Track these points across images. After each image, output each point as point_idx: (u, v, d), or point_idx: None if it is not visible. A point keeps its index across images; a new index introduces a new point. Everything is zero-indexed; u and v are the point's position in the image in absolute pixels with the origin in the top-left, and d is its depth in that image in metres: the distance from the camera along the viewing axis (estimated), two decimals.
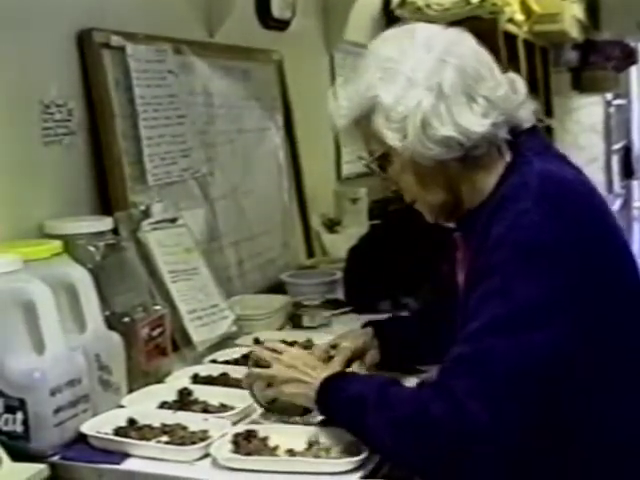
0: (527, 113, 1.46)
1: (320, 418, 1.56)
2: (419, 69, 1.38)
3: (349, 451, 1.47)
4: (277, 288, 2.58)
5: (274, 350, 1.61)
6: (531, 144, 1.46)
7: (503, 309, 1.30)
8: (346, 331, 1.85)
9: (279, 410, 1.60)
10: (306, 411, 1.58)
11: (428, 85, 1.37)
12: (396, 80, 1.38)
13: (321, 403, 1.49)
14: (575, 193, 1.40)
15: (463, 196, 1.46)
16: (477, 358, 1.30)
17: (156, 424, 1.60)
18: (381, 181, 1.53)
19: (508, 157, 1.45)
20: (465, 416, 1.27)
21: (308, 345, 2.06)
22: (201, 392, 1.75)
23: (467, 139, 1.37)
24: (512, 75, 1.47)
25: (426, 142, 1.37)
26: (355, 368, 1.72)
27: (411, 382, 1.67)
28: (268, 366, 1.59)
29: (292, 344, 2.08)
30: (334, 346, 1.74)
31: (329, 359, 1.69)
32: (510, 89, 1.43)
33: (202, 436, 1.55)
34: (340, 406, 1.46)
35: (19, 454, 1.47)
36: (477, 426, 1.26)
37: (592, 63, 6.54)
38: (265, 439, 1.53)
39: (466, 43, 1.44)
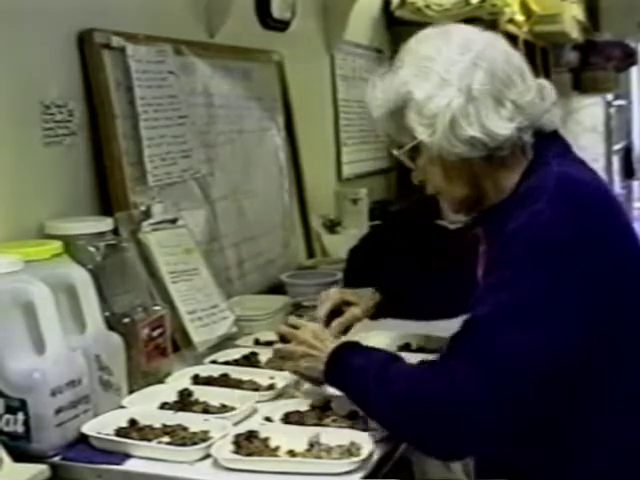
0: (552, 118, 1.52)
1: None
2: (452, 70, 1.43)
3: (350, 452, 1.47)
4: (277, 288, 2.58)
5: (293, 326, 1.73)
6: (552, 147, 1.51)
7: (508, 300, 1.36)
8: (359, 292, 1.94)
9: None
10: None
11: (459, 86, 1.42)
12: (430, 78, 1.44)
13: (328, 375, 1.58)
14: (589, 195, 1.45)
15: (486, 192, 1.53)
16: (479, 345, 1.36)
17: (157, 425, 1.60)
18: (411, 170, 1.59)
19: (530, 158, 1.51)
20: (460, 398, 1.34)
21: None
22: (202, 393, 1.75)
23: (492, 140, 1.43)
24: (542, 81, 1.53)
25: (453, 140, 1.43)
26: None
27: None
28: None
29: None
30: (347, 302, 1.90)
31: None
32: (538, 95, 1.48)
33: (203, 437, 1.55)
34: (345, 378, 1.55)
35: (20, 455, 1.47)
36: (471, 408, 1.34)
37: (592, 64, 6.53)
38: (266, 440, 1.53)
39: (499, 47, 1.49)
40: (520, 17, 4.59)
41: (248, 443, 1.50)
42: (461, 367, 1.35)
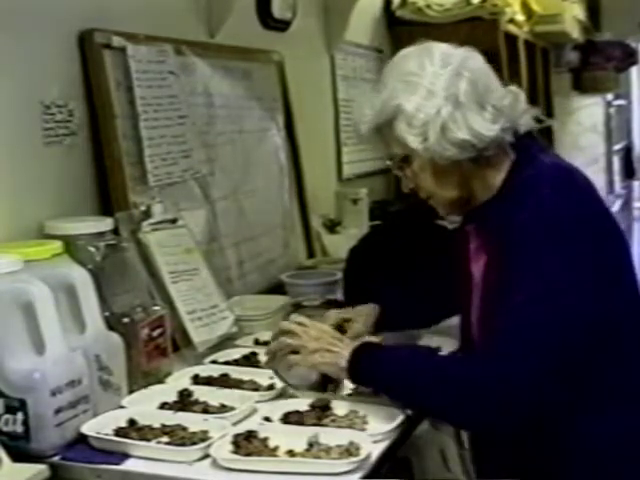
0: (527, 120, 1.63)
1: (346, 392, 1.71)
2: (437, 82, 1.56)
3: (349, 452, 1.47)
4: (277, 288, 2.58)
5: (301, 324, 1.72)
6: (531, 145, 1.64)
7: (537, 283, 1.48)
8: (358, 308, 1.97)
9: (301, 387, 1.71)
10: (325, 384, 1.68)
11: (446, 95, 1.54)
12: (417, 91, 1.56)
13: (353, 371, 1.61)
14: (578, 179, 1.61)
15: (475, 192, 1.63)
16: (520, 326, 1.47)
17: (156, 425, 1.60)
18: (401, 179, 1.68)
19: (512, 157, 1.63)
20: (511, 378, 1.45)
21: None
22: (201, 393, 1.76)
23: (479, 141, 1.54)
24: (514, 88, 1.65)
25: (445, 144, 1.54)
26: None
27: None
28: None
29: None
30: (346, 320, 1.93)
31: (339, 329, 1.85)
32: (514, 99, 1.61)
33: (202, 437, 1.55)
34: (377, 372, 1.60)
35: (19, 454, 1.48)
36: (522, 388, 1.45)
37: (593, 64, 6.53)
38: (265, 440, 1.53)
39: (477, 59, 1.62)
40: (521, 17, 4.59)
41: (247, 443, 1.51)
42: (508, 350, 1.47)
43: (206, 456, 1.49)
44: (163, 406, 1.70)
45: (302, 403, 1.69)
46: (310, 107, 3.22)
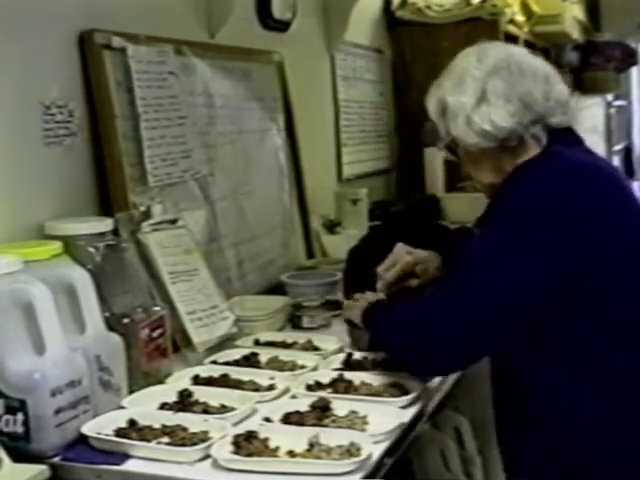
0: (560, 116, 1.74)
1: None
2: (475, 76, 1.73)
3: (349, 452, 1.47)
4: (277, 289, 2.58)
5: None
6: (563, 138, 1.76)
7: (475, 250, 1.66)
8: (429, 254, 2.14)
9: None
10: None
11: (475, 89, 1.71)
12: (459, 85, 1.74)
13: (365, 316, 1.92)
14: (583, 170, 1.68)
15: None
16: (451, 282, 1.67)
17: (156, 425, 1.60)
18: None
19: (544, 146, 1.75)
20: (428, 321, 1.65)
21: (308, 347, 2.08)
22: (201, 393, 1.76)
23: (499, 132, 1.69)
24: (555, 87, 1.75)
25: (470, 133, 1.71)
26: None
27: None
28: None
29: (292, 345, 2.10)
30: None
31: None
32: (545, 97, 1.72)
33: (202, 437, 1.55)
34: (370, 318, 1.90)
35: (20, 455, 1.48)
36: (436, 329, 1.63)
37: (593, 64, 6.53)
38: (266, 440, 1.53)
39: (514, 58, 1.76)
40: (521, 17, 4.59)
41: (248, 443, 1.51)
42: (436, 301, 1.67)
43: (207, 457, 1.49)
44: (163, 406, 1.70)
45: (302, 403, 1.69)
46: (310, 107, 3.23)
